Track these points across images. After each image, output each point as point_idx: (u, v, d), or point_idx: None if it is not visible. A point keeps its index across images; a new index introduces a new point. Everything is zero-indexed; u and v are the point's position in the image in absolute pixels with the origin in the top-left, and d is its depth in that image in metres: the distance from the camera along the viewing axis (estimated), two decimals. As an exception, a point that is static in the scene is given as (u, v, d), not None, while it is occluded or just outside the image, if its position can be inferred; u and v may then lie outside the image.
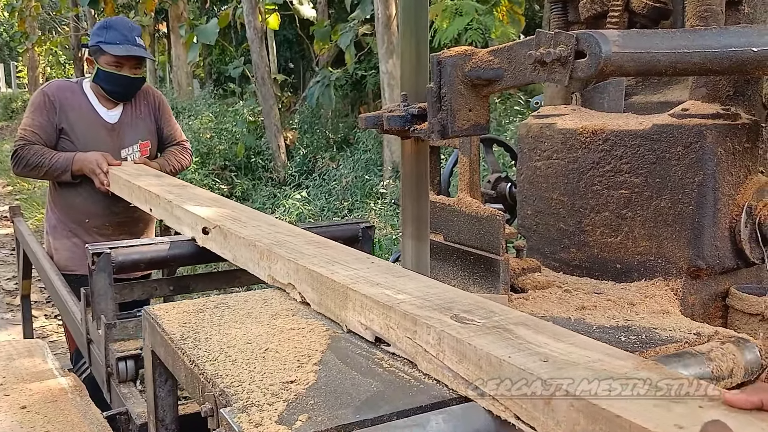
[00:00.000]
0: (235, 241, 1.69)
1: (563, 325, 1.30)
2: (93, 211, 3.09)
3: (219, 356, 1.14)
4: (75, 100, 3.11)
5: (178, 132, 3.48)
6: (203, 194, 2.29)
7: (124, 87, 3.13)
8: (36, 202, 10.50)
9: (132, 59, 3.09)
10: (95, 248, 1.91)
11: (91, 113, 3.12)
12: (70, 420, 1.71)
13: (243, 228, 1.74)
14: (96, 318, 1.91)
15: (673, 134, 1.51)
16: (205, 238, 1.84)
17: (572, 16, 1.84)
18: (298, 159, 10.39)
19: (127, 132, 3.20)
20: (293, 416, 0.92)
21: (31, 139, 3.02)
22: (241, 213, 1.95)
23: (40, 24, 21.26)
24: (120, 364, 1.78)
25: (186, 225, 2.00)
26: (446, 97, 1.24)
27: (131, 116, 3.22)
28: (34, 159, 2.99)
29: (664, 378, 0.87)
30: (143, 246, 2.00)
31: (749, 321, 1.51)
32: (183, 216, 2.02)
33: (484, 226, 1.52)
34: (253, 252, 1.61)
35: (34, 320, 4.39)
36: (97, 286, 1.89)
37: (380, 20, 8.21)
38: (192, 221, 1.95)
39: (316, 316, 1.35)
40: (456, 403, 0.98)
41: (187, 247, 2.01)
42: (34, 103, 3.09)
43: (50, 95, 3.07)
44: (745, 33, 1.24)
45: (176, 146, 3.40)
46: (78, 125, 3.07)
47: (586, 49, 1.07)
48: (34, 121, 3.04)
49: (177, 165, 3.35)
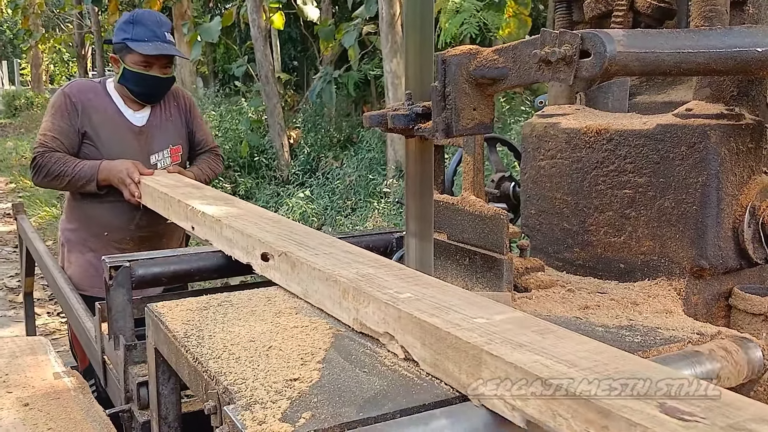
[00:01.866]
0: (307, 273, 1.42)
1: (567, 324, 1.31)
2: (114, 223, 2.85)
3: (222, 354, 1.15)
4: (99, 102, 2.85)
5: (210, 137, 3.22)
6: (254, 210, 2.02)
7: (153, 88, 2.88)
8: (39, 199, 10.52)
9: (162, 58, 2.83)
10: (113, 261, 1.78)
11: (116, 116, 2.87)
12: (73, 417, 1.72)
13: (314, 256, 1.46)
14: (114, 337, 1.79)
15: (677, 134, 1.51)
16: (265, 265, 1.59)
17: (577, 16, 1.84)
18: (302, 158, 10.40)
19: (157, 136, 2.94)
20: (297, 414, 0.92)
21: (52, 145, 2.76)
22: (307, 236, 1.67)
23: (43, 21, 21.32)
24: (141, 389, 1.65)
25: (239, 248, 1.73)
26: (451, 96, 1.25)
27: (160, 119, 2.97)
28: (56, 167, 2.73)
29: (664, 378, 0.87)
30: (165, 258, 1.85)
31: (752, 321, 1.51)
32: (235, 238, 1.75)
33: (488, 225, 1.52)
34: (333, 288, 1.33)
35: (37, 317, 4.41)
36: (115, 303, 1.77)
37: (384, 19, 8.21)
38: (247, 244, 1.68)
39: (320, 313, 1.35)
40: (458, 402, 0.98)
41: (212, 258, 1.88)
42: (54, 106, 2.83)
43: (72, 97, 2.81)
44: (750, 33, 1.24)
45: (208, 153, 3.16)
46: (102, 129, 2.83)
47: (590, 49, 1.07)
48: (54, 125, 2.78)
49: (211, 174, 3.11)
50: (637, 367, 0.89)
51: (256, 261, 1.62)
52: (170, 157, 2.97)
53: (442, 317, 1.09)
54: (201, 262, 1.88)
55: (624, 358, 0.93)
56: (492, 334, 1.01)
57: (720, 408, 0.79)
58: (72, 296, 2.42)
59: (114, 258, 1.80)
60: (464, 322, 1.07)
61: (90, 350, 2.12)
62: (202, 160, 3.12)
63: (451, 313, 1.11)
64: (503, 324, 1.06)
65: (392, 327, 1.15)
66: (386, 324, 1.17)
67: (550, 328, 1.05)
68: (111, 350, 1.84)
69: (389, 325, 1.16)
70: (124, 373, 1.73)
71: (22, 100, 23.59)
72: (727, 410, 0.78)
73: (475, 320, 1.07)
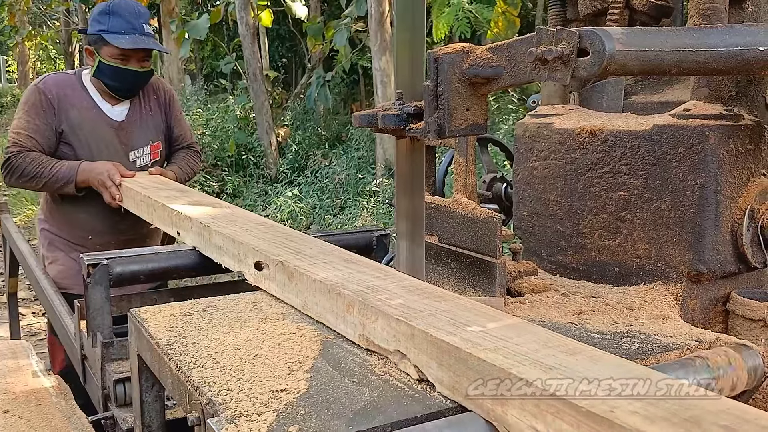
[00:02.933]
0: (307, 285, 1.32)
1: (562, 331, 1.27)
2: (97, 228, 2.74)
3: (206, 362, 1.11)
4: (75, 97, 2.71)
5: (188, 133, 3.07)
6: (245, 216, 1.92)
7: (130, 83, 2.74)
8: (24, 198, 10.43)
9: (140, 51, 2.69)
10: (91, 259, 1.76)
11: (94, 111, 2.73)
12: (54, 424, 1.67)
13: (314, 266, 1.37)
14: (92, 334, 1.78)
15: (674, 135, 1.48)
16: (259, 275, 1.50)
17: (571, 14, 1.80)
18: (290, 156, 10.37)
19: (136, 132, 2.81)
20: (283, 427, 0.89)
21: (27, 144, 2.61)
22: (303, 243, 1.57)
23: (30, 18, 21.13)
24: (118, 387, 1.66)
25: (229, 256, 1.65)
26: (443, 95, 1.21)
27: (140, 114, 2.83)
28: (31, 168, 2.58)
29: (664, 378, 0.85)
30: (143, 256, 1.84)
31: (751, 327, 1.48)
32: (225, 245, 1.67)
33: (480, 227, 1.49)
34: (336, 302, 1.23)
35: (22, 318, 4.35)
36: (93, 300, 1.75)
37: (373, 17, 8.19)
38: (239, 252, 1.59)
39: (307, 320, 1.31)
40: (453, 413, 0.95)
41: (190, 257, 1.86)
42: (28, 102, 2.67)
43: (47, 92, 2.66)
44: (752, 32, 1.21)
45: (186, 149, 3.02)
46: (80, 126, 2.68)
47: (589, 47, 1.04)
48: (29, 123, 2.63)
49: (191, 172, 2.98)
50: (700, 408, 0.78)
51: (249, 270, 1.53)
52: (150, 155, 2.85)
53: (460, 335, 1.00)
54: (179, 260, 1.87)
55: (675, 385, 0.84)
56: (518, 355, 0.93)
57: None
58: (55, 297, 2.38)
59: (92, 255, 1.78)
60: (485, 341, 0.99)
61: (70, 348, 2.10)
62: (181, 157, 2.98)
63: (469, 330, 1.03)
64: (528, 344, 0.98)
65: (404, 345, 1.07)
66: (397, 341, 1.08)
67: (579, 348, 0.97)
68: (89, 347, 1.84)
69: (401, 342, 1.07)
70: (102, 370, 1.72)
71: (8, 97, 23.37)
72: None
73: (495, 337, 1.00)
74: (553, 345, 0.98)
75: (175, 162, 2.95)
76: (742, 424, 0.74)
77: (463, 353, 0.95)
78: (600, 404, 0.78)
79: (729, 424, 0.74)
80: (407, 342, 1.06)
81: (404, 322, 1.06)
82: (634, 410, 0.77)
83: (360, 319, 1.17)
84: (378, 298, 1.17)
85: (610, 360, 0.93)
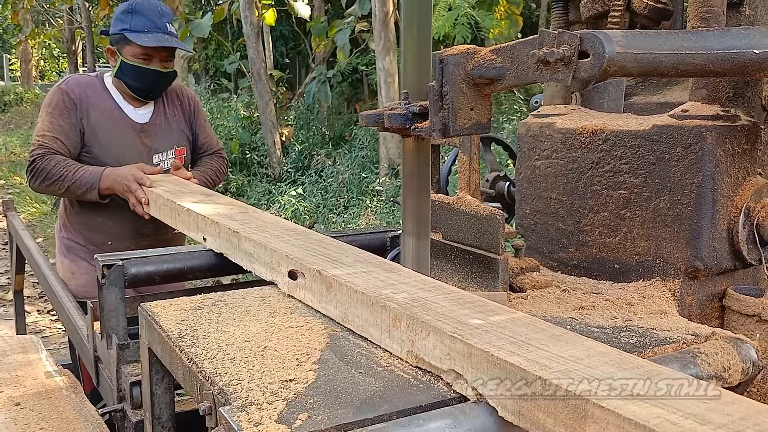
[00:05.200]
0: (347, 296, 1.25)
1: (563, 325, 1.31)
2: (118, 232, 2.66)
3: (217, 354, 1.14)
4: (97, 98, 2.65)
5: (214, 139, 2.98)
6: (275, 221, 1.82)
7: (152, 83, 2.67)
8: (29, 196, 10.47)
9: (163, 51, 2.62)
10: (106, 259, 1.75)
11: (116, 113, 2.66)
12: (65, 417, 1.70)
13: (353, 276, 1.30)
14: (106, 336, 1.77)
15: (672, 135, 1.51)
16: (293, 284, 1.43)
17: (573, 16, 1.84)
18: (294, 155, 10.40)
19: (160, 135, 2.74)
20: (293, 415, 0.92)
21: (52, 146, 2.53)
22: (339, 251, 1.49)
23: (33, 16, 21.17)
24: (134, 389, 1.63)
25: (261, 264, 1.56)
26: (448, 95, 1.24)
27: (164, 117, 2.76)
28: (56, 171, 2.49)
29: (664, 378, 0.86)
30: (158, 256, 1.81)
31: (746, 322, 1.51)
32: (257, 252, 1.58)
33: (484, 225, 1.52)
34: (380, 315, 1.15)
35: (27, 315, 4.38)
36: (108, 301, 1.74)
37: (377, 17, 8.21)
38: (271, 260, 1.51)
39: (314, 313, 1.34)
40: (456, 403, 0.98)
41: (206, 257, 1.85)
42: (51, 103, 2.60)
43: (70, 93, 2.60)
44: (747, 35, 1.24)
45: (212, 155, 2.93)
46: (102, 127, 2.62)
47: (589, 50, 1.07)
48: (53, 124, 2.56)
49: (216, 179, 2.87)
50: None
51: (283, 279, 1.45)
52: (174, 159, 2.77)
53: (524, 355, 0.92)
54: (194, 260, 1.85)
55: (763, 412, 0.78)
56: (589, 379, 0.84)
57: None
58: (63, 294, 2.40)
59: (107, 256, 1.77)
60: (554, 362, 0.91)
61: (82, 349, 2.10)
62: (205, 163, 2.90)
63: (532, 349, 0.95)
64: (602, 366, 0.89)
65: (460, 365, 0.99)
66: (452, 360, 1.00)
67: (656, 371, 0.89)
68: (103, 349, 1.82)
69: (456, 362, 0.99)
70: (117, 372, 1.71)
71: (12, 95, 23.40)
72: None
73: (564, 359, 0.91)
74: (627, 367, 0.90)
75: (199, 167, 2.87)
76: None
77: (531, 376, 0.88)
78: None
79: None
80: (464, 361, 0.98)
81: (460, 340, 0.98)
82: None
83: (408, 335, 1.09)
84: (427, 312, 1.09)
85: (693, 384, 0.86)
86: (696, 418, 0.76)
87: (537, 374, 0.87)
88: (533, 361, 0.91)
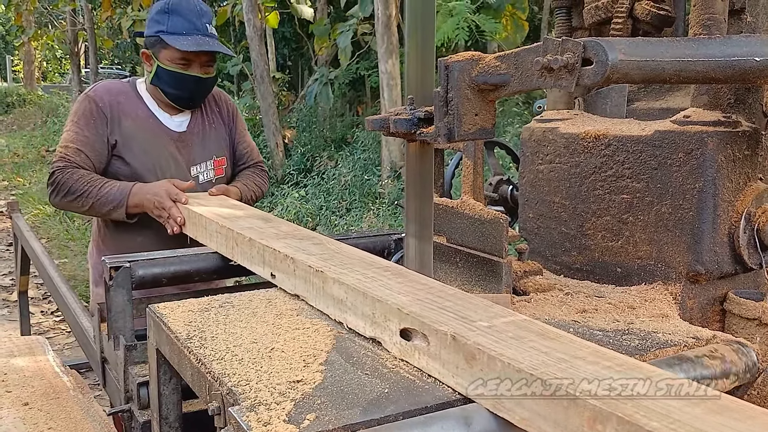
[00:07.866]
0: (501, 373, 0.93)
1: (565, 328, 1.32)
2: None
3: (225, 355, 1.15)
4: (129, 106, 2.44)
5: (255, 150, 2.75)
6: (361, 257, 1.48)
7: (192, 91, 2.44)
8: (32, 197, 10.50)
9: (203, 55, 2.39)
10: (113, 261, 1.76)
11: (150, 121, 2.46)
12: (73, 417, 1.72)
13: (503, 344, 0.97)
14: (113, 337, 1.77)
15: (674, 141, 1.53)
16: (407, 345, 1.11)
17: (576, 22, 1.85)
18: (296, 157, 10.41)
19: (198, 145, 2.52)
20: (301, 415, 0.93)
21: (75, 159, 2.32)
22: (469, 304, 1.16)
23: (36, 18, 21.22)
24: (142, 389, 1.64)
25: (356, 314, 1.24)
26: (453, 101, 1.26)
27: (202, 125, 2.55)
28: (79, 186, 2.28)
29: (664, 378, 0.88)
30: (165, 258, 1.81)
31: (746, 325, 1.53)
32: (350, 299, 1.25)
33: (488, 228, 1.54)
34: (566, 413, 0.82)
35: (31, 317, 4.40)
36: (115, 303, 1.75)
37: (380, 20, 8.22)
38: (373, 312, 1.19)
39: (320, 315, 1.36)
40: (460, 404, 0.99)
41: (212, 259, 1.85)
42: (78, 112, 2.39)
43: (98, 101, 2.39)
44: (748, 43, 1.26)
45: (253, 168, 2.70)
46: (135, 137, 2.40)
47: (593, 57, 1.09)
48: (78, 135, 2.35)
49: (259, 194, 2.64)
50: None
51: (392, 338, 1.15)
52: (214, 170, 2.55)
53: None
54: (201, 262, 1.87)
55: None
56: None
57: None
58: (69, 295, 2.42)
59: (114, 258, 1.80)
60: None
61: (88, 350, 2.11)
62: (246, 176, 2.65)
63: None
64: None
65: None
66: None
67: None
68: (110, 350, 1.84)
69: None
70: (124, 373, 1.73)
71: (15, 97, 23.45)
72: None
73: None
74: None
75: (240, 180, 2.61)
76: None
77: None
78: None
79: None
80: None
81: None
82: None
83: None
84: (645, 420, 0.75)
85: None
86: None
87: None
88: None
